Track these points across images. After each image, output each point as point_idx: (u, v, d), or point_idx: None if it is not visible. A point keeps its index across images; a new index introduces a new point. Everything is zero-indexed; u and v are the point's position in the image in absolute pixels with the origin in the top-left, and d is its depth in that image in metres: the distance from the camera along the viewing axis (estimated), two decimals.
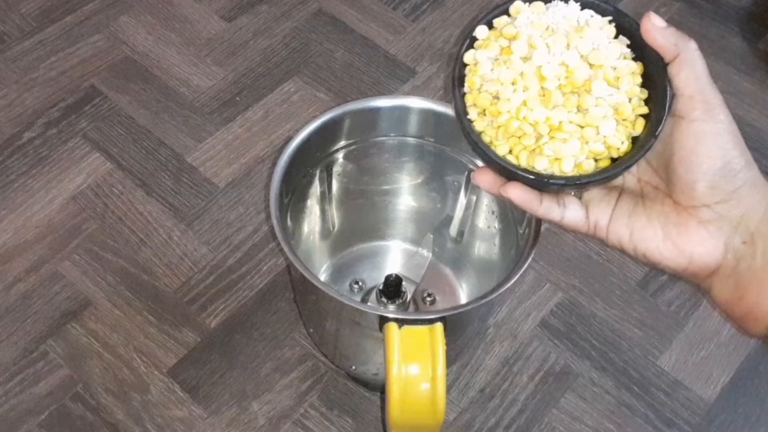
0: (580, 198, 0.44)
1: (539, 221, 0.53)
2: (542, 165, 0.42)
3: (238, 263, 0.69)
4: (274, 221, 0.51)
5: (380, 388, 0.63)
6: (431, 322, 0.47)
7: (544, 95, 0.41)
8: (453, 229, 0.65)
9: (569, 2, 0.43)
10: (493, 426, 0.63)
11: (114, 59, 0.82)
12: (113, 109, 0.78)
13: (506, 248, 0.60)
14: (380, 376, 0.57)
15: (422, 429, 0.50)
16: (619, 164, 0.41)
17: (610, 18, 0.43)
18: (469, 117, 0.43)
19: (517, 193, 0.43)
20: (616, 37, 0.43)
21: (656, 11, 0.88)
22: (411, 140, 0.60)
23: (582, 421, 0.63)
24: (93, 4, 0.85)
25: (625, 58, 0.42)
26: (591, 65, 0.41)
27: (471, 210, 0.63)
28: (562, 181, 0.41)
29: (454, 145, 0.59)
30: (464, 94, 0.44)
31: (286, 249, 0.50)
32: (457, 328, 0.53)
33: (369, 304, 0.62)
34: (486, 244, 0.64)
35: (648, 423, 0.63)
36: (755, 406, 0.65)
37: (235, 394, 0.63)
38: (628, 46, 0.43)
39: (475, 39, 0.44)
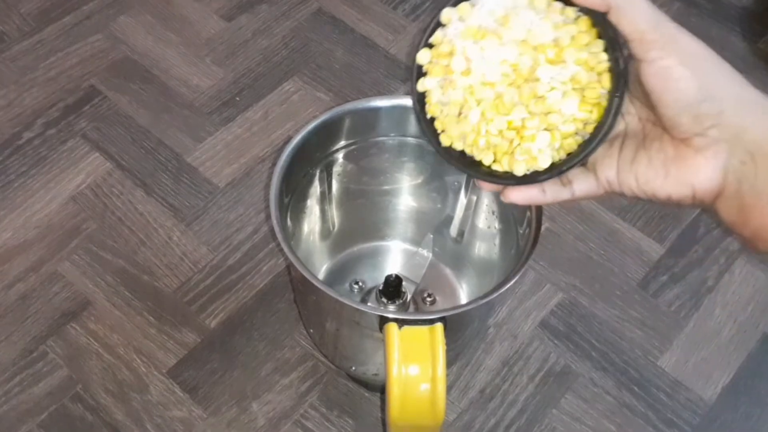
0: (585, 164, 0.44)
1: (539, 221, 0.53)
2: (521, 169, 0.42)
3: (238, 263, 0.69)
4: (274, 221, 0.51)
5: (380, 389, 0.63)
6: (431, 322, 0.47)
7: (497, 101, 0.41)
8: (453, 229, 0.65)
9: None
10: (493, 426, 0.62)
11: (113, 59, 0.81)
12: (113, 109, 0.78)
13: (506, 248, 0.60)
14: (380, 376, 0.57)
15: (422, 429, 0.50)
16: (593, 136, 0.41)
17: None
18: (443, 145, 0.43)
19: (518, 196, 0.44)
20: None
21: None
22: (411, 140, 0.60)
23: (582, 421, 0.63)
24: (92, 4, 0.85)
25: (565, 22, 0.41)
26: (534, 48, 0.40)
27: (471, 210, 0.63)
28: (547, 175, 0.42)
29: None
30: (432, 121, 0.43)
31: (286, 249, 0.50)
32: (457, 328, 0.53)
33: (369, 304, 0.62)
34: (486, 244, 0.64)
35: (648, 423, 0.63)
36: (756, 407, 0.65)
37: (234, 395, 0.63)
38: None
39: (421, 66, 0.43)
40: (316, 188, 0.61)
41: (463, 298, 0.66)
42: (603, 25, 0.39)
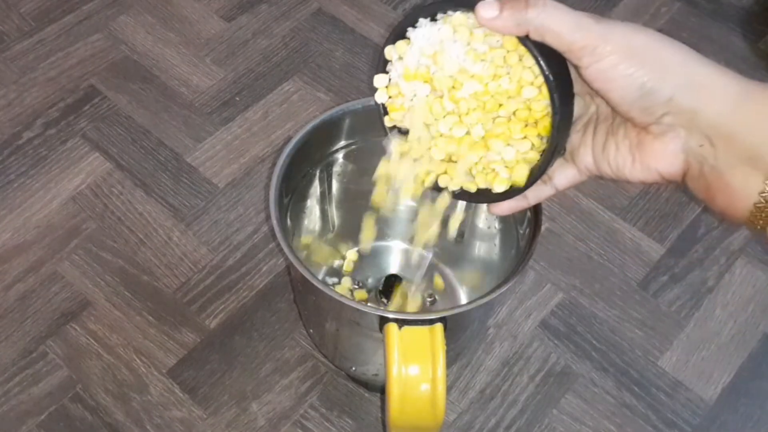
0: (563, 154, 0.45)
1: (539, 221, 0.53)
2: (501, 187, 0.44)
3: (238, 263, 0.69)
4: (274, 221, 0.51)
5: (380, 389, 0.63)
6: (431, 322, 0.47)
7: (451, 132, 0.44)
8: (453, 230, 0.65)
9: (419, 25, 0.43)
10: (494, 427, 0.62)
11: (113, 59, 0.81)
12: (112, 109, 0.78)
13: (506, 248, 0.60)
14: (380, 376, 0.57)
15: (422, 430, 0.50)
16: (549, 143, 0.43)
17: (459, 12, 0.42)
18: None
19: (502, 209, 0.47)
20: None
21: (656, 11, 0.88)
22: None
23: (582, 421, 0.63)
24: (92, 4, 0.85)
25: (492, 47, 0.41)
26: (473, 76, 0.42)
27: (471, 210, 0.63)
28: (522, 188, 0.44)
29: None
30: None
31: (286, 249, 0.50)
32: (458, 328, 0.53)
33: (369, 304, 0.62)
34: (486, 244, 0.64)
35: (649, 424, 0.63)
36: (756, 407, 0.65)
37: (234, 395, 0.63)
38: None
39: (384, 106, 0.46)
40: (316, 188, 0.61)
41: (463, 298, 0.66)
42: (528, 45, 0.40)
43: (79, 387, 0.63)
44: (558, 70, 0.40)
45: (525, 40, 0.40)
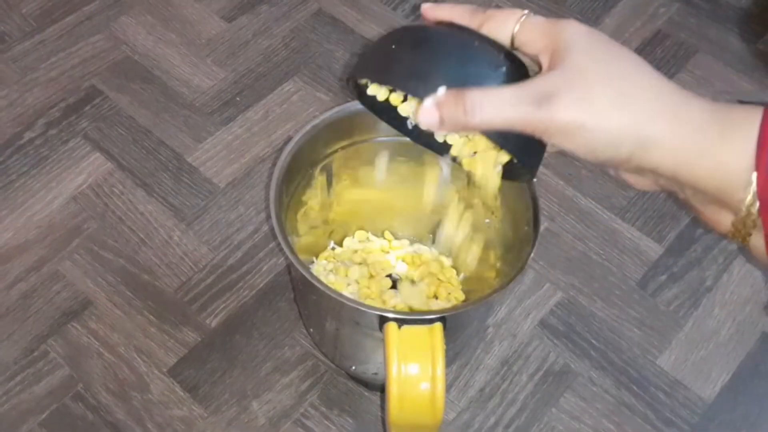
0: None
1: (538, 221, 0.53)
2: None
3: (239, 263, 0.69)
4: (274, 221, 0.52)
5: (380, 388, 0.63)
6: (431, 321, 0.48)
7: None
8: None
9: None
10: (493, 425, 0.63)
11: (114, 59, 0.82)
12: (114, 109, 0.78)
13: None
14: (380, 375, 0.57)
15: (421, 428, 0.50)
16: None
17: None
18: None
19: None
20: None
21: (655, 11, 0.89)
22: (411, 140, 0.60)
23: (581, 420, 0.63)
24: (93, 5, 0.85)
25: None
26: None
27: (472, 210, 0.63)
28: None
29: None
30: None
31: (286, 249, 0.50)
32: (457, 327, 0.53)
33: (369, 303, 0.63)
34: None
35: (647, 422, 0.63)
36: (754, 406, 0.65)
37: (235, 394, 0.63)
38: None
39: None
40: (316, 188, 0.61)
41: None
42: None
43: (80, 386, 0.63)
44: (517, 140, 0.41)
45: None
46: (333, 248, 0.66)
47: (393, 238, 0.67)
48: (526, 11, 0.41)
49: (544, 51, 0.39)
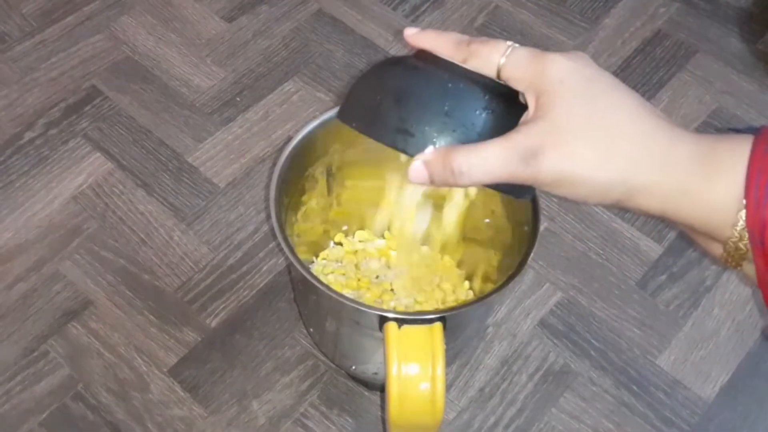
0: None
1: (538, 221, 0.53)
2: None
3: (239, 263, 0.69)
4: (274, 221, 0.52)
5: (380, 388, 0.63)
6: (431, 321, 0.48)
7: None
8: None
9: None
10: (493, 425, 0.63)
11: (115, 59, 0.82)
12: (114, 109, 0.78)
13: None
14: (380, 375, 0.57)
15: (421, 428, 0.50)
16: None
17: None
18: None
19: None
20: None
21: (655, 11, 0.89)
22: None
23: (581, 420, 0.63)
24: (94, 5, 0.86)
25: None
26: None
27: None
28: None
29: None
30: None
31: (286, 249, 0.50)
32: (457, 327, 0.53)
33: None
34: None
35: (647, 422, 0.63)
36: (754, 406, 0.65)
37: (235, 394, 0.63)
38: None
39: None
40: (316, 188, 0.61)
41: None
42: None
43: (80, 386, 0.63)
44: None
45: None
46: (333, 248, 0.66)
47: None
48: (510, 44, 0.40)
49: (529, 89, 0.39)
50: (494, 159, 0.38)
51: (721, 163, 0.37)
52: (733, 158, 0.36)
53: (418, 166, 0.40)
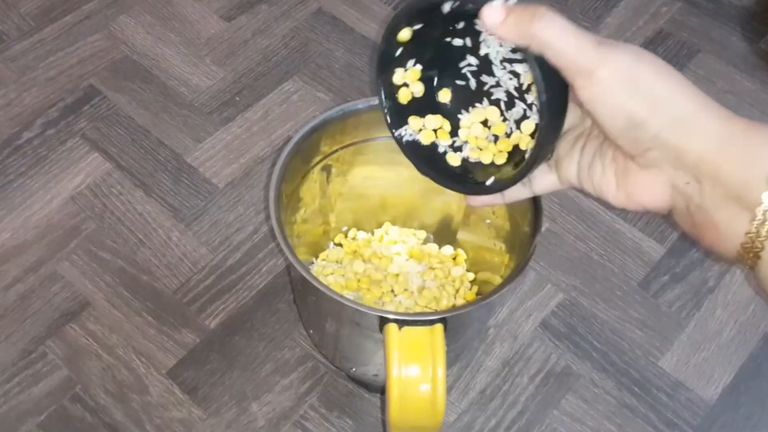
0: (549, 159, 0.45)
1: (539, 221, 0.53)
2: (489, 178, 0.47)
3: (238, 264, 0.69)
4: (274, 221, 0.51)
5: (380, 390, 0.63)
6: (431, 323, 0.47)
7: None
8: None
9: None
10: (494, 427, 0.62)
11: (113, 59, 0.81)
12: (112, 109, 0.78)
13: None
14: (380, 377, 0.57)
15: (422, 430, 0.50)
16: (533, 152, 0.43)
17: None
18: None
19: (479, 201, 0.50)
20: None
21: (657, 11, 0.88)
22: None
23: (583, 422, 0.63)
24: (92, 4, 0.85)
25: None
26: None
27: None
28: (497, 186, 0.46)
29: None
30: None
31: (285, 249, 0.50)
32: (458, 329, 0.53)
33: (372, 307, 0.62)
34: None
35: (649, 424, 0.63)
36: (757, 407, 0.64)
37: (234, 395, 0.63)
38: None
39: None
40: (315, 188, 0.61)
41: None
42: (530, 58, 0.40)
43: (78, 387, 0.62)
44: (555, 82, 0.40)
45: (527, 53, 0.40)
46: (333, 249, 0.66)
47: (393, 238, 0.67)
48: None
49: None
50: (572, 28, 0.38)
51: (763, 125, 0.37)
52: None
53: (497, 4, 0.39)
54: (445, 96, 0.49)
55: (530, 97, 0.46)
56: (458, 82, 0.49)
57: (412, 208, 0.66)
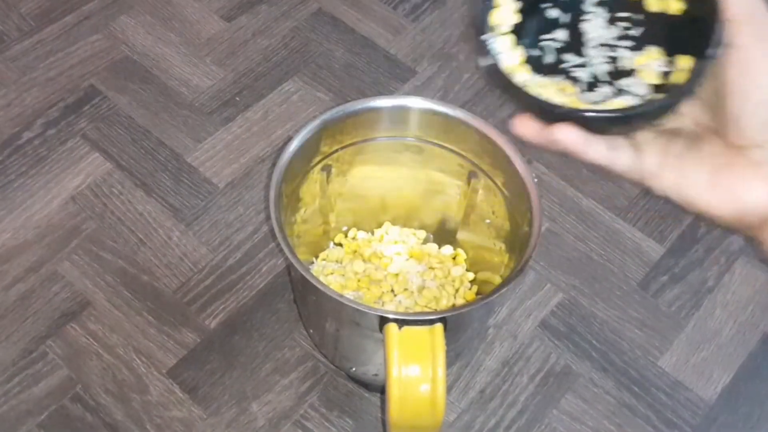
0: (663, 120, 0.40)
1: (539, 221, 0.53)
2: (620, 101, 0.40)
3: (238, 263, 0.69)
4: (274, 221, 0.51)
5: (380, 389, 0.63)
6: (431, 322, 0.47)
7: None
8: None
9: None
10: (494, 427, 0.62)
11: (113, 59, 0.81)
12: (112, 109, 0.78)
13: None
14: (380, 377, 0.57)
15: (422, 430, 0.50)
16: (673, 92, 0.37)
17: None
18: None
19: (566, 134, 0.38)
20: None
21: None
22: (411, 140, 0.60)
23: (582, 421, 0.63)
24: (92, 4, 0.85)
25: None
26: None
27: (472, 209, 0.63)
28: (619, 113, 0.38)
29: (455, 144, 0.59)
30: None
31: (285, 249, 0.50)
32: (458, 328, 0.53)
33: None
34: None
35: (648, 424, 0.63)
36: (756, 407, 0.65)
37: (234, 395, 0.63)
38: None
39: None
40: (315, 188, 0.61)
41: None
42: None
43: (79, 387, 0.63)
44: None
45: None
46: (333, 248, 0.66)
47: (393, 238, 0.67)
48: None
49: None
50: None
51: None
52: None
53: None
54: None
55: (625, 82, 0.41)
56: (531, 52, 0.44)
57: (412, 208, 0.66)
